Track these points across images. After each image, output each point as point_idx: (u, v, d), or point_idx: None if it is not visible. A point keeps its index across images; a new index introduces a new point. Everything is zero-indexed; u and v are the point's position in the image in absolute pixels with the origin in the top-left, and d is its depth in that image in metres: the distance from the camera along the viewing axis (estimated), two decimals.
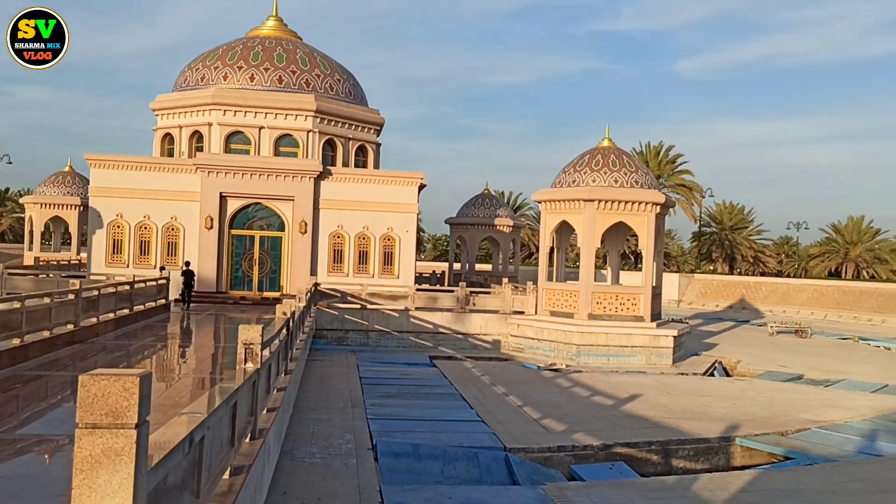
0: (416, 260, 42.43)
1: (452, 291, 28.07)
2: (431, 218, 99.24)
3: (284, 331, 12.19)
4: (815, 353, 30.71)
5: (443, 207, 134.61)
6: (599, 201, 25.58)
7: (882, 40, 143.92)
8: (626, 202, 25.63)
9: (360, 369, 22.06)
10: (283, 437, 11.38)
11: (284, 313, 12.34)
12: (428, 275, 47.12)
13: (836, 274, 75.68)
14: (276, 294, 30.94)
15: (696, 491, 11.64)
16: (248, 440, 7.50)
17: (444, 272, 47.33)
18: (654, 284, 26.51)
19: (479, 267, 47.46)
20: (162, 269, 29.15)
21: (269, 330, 10.64)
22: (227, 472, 6.09)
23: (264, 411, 9.21)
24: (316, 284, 26.75)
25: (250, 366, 7.71)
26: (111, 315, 19.51)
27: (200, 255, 30.97)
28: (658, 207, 25.99)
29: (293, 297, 23.39)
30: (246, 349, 7.75)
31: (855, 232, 76.42)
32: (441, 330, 27.07)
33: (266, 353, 9.34)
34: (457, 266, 45.36)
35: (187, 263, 28.82)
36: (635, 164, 26.88)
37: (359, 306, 27.11)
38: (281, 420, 10.59)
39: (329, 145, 34.96)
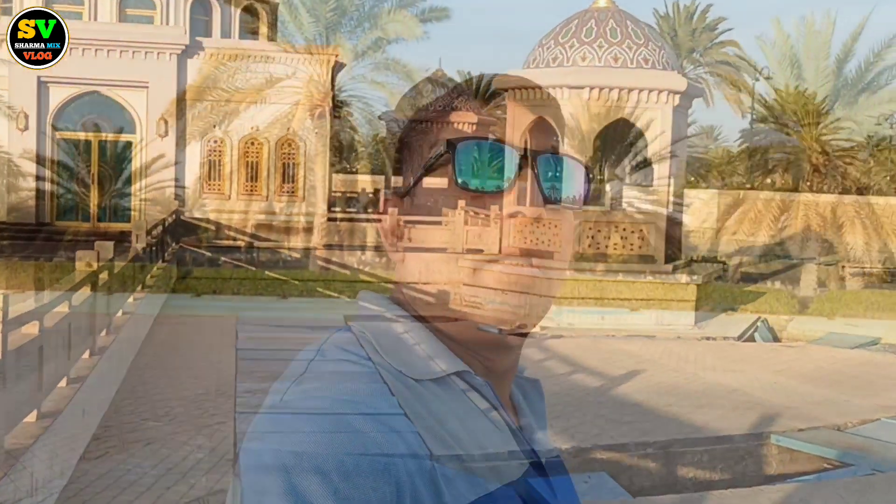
0: (341, 172, 41.45)
1: (380, 221, 27.52)
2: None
3: (89, 289, 11.58)
4: None
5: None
6: (591, 88, 25.05)
7: None
8: (630, 89, 25.18)
9: (238, 336, 21.59)
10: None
11: (89, 264, 11.69)
12: (357, 193, 46.44)
13: None
14: (126, 226, 30.09)
15: None
16: None
17: (377, 190, 46.67)
18: (669, 210, 26.22)
19: None
20: None
21: (59, 287, 10.01)
22: None
23: None
24: (178, 213, 26.06)
25: None
26: None
27: (10, 172, 30.03)
28: (677, 98, 25.69)
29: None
30: None
31: None
32: (362, 277, 26.61)
33: (33, 329, 8.74)
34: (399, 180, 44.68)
35: None
36: (644, 33, 26.31)
37: (243, 243, 26.51)
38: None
39: (200, 6, 33.74)
